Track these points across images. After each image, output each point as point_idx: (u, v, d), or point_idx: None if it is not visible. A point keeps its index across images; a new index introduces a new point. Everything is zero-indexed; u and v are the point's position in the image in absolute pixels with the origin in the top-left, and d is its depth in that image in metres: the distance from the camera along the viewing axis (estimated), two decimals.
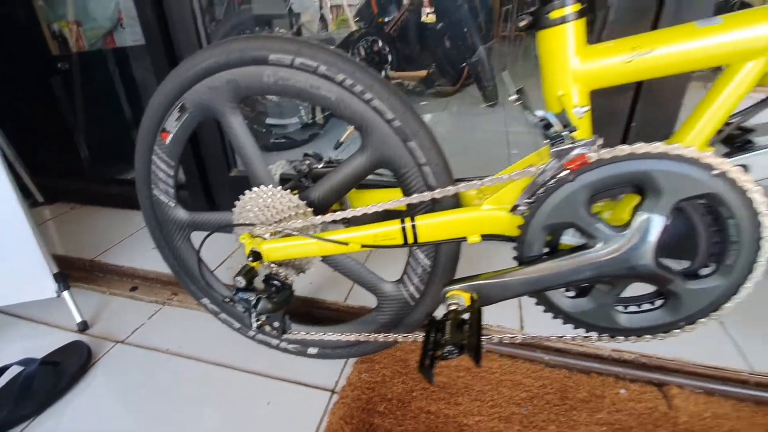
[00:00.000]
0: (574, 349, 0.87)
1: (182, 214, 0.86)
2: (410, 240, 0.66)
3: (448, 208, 0.67)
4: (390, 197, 0.73)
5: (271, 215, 0.73)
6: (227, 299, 0.75)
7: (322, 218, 0.69)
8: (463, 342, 0.53)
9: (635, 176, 0.52)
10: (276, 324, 0.77)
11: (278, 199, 0.72)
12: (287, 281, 0.75)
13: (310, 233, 0.72)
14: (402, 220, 0.65)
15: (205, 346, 0.98)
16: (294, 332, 0.81)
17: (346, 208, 0.83)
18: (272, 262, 0.75)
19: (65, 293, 1.06)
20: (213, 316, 0.95)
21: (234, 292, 0.72)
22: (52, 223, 1.67)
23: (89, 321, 1.10)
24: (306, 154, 0.82)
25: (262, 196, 0.73)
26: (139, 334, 1.06)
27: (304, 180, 0.82)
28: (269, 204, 0.73)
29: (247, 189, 0.73)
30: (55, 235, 1.58)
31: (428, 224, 0.65)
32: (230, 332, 0.96)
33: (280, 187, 0.73)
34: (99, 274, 1.31)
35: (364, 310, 0.98)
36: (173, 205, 0.85)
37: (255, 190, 0.73)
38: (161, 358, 0.97)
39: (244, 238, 0.73)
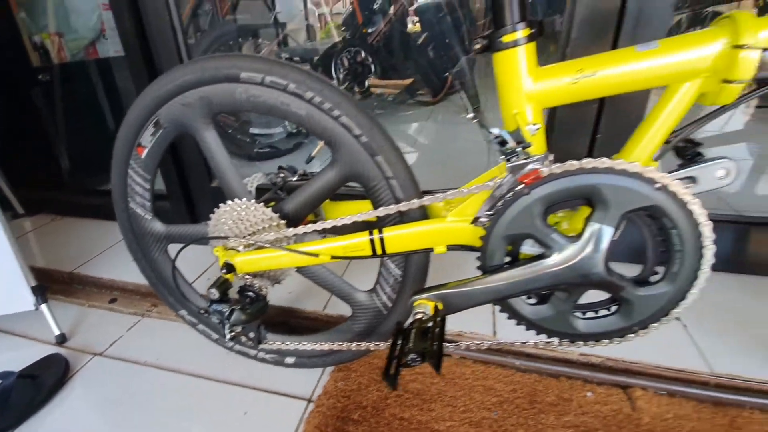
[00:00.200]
0: (544, 353, 0.90)
1: (159, 226, 0.87)
2: (378, 251, 0.68)
3: (415, 219, 0.69)
4: (363, 208, 0.75)
5: (245, 228, 0.74)
6: (202, 311, 0.76)
7: (294, 230, 0.71)
8: (425, 350, 0.55)
9: (584, 189, 0.55)
10: (251, 335, 0.79)
11: (252, 212, 0.74)
12: (262, 292, 0.76)
13: (283, 245, 0.74)
14: (370, 232, 0.68)
15: (183, 358, 0.99)
16: (270, 342, 0.83)
17: (321, 218, 0.86)
18: (247, 274, 0.76)
19: (43, 306, 1.06)
20: (191, 327, 0.96)
21: (208, 304, 0.73)
22: (32, 234, 1.66)
23: (68, 333, 1.10)
24: (281, 167, 0.84)
25: (236, 209, 0.75)
26: (117, 346, 1.07)
27: (280, 192, 0.84)
28: (243, 217, 0.74)
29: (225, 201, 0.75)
30: (36, 247, 1.57)
31: (395, 236, 0.67)
32: (209, 343, 0.97)
33: (254, 200, 0.75)
34: (78, 287, 1.31)
35: (342, 319, 1.00)
36: (150, 218, 0.86)
37: (229, 204, 0.75)
38: (139, 371, 0.98)
39: (218, 251, 0.75)
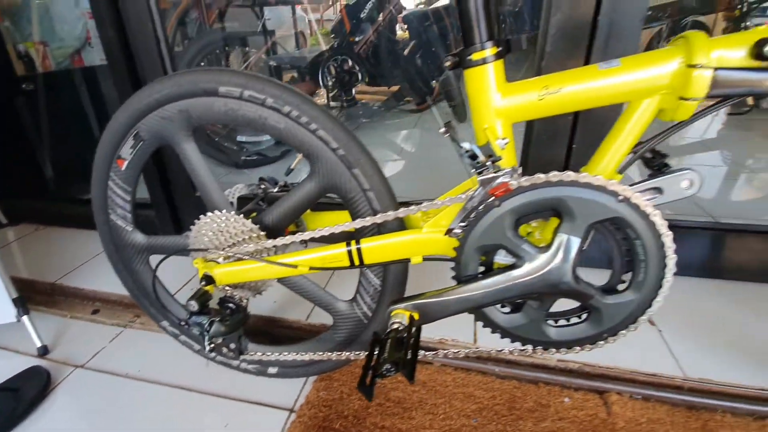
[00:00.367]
0: (523, 360, 0.91)
1: (140, 238, 0.87)
2: (356, 262, 0.69)
3: (393, 230, 0.71)
4: (344, 218, 0.76)
5: (225, 239, 0.75)
6: (182, 322, 0.76)
7: (272, 242, 0.72)
8: (399, 360, 0.56)
9: (552, 202, 0.57)
10: (232, 345, 0.79)
11: (232, 223, 0.74)
12: (242, 303, 0.77)
13: (263, 256, 0.75)
14: (347, 243, 0.69)
15: (165, 369, 0.99)
16: (251, 353, 0.83)
17: (302, 228, 0.87)
18: (227, 285, 0.77)
19: (25, 318, 1.05)
20: (173, 338, 0.95)
21: (188, 316, 0.73)
22: (15, 244, 1.64)
23: (50, 345, 1.10)
24: (261, 179, 0.85)
25: (216, 221, 0.75)
26: (99, 357, 1.06)
27: (261, 203, 0.85)
28: (223, 228, 0.75)
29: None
30: (19, 258, 1.55)
31: (372, 247, 0.68)
32: (191, 353, 0.97)
33: (234, 211, 0.75)
34: (61, 298, 1.30)
35: (325, 328, 1.00)
36: (131, 229, 0.86)
37: (209, 215, 0.76)
38: (121, 382, 0.97)
39: (198, 263, 0.75)
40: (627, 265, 0.60)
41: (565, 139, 0.99)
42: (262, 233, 0.75)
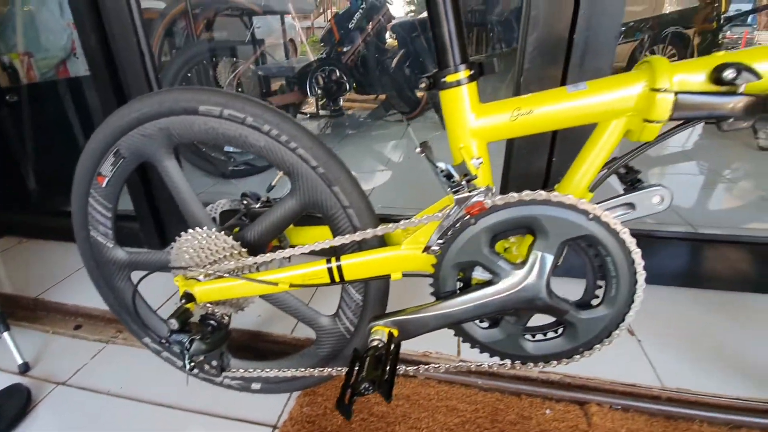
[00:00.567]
0: (506, 372, 0.92)
1: (121, 254, 0.86)
2: (336, 279, 0.70)
3: (373, 246, 0.71)
4: (328, 232, 0.77)
5: (206, 256, 0.75)
6: (162, 340, 0.76)
7: (253, 259, 0.72)
8: (376, 378, 0.57)
9: (525, 220, 0.58)
10: (214, 363, 0.79)
11: (213, 240, 0.75)
12: (223, 321, 0.77)
13: (245, 272, 0.75)
14: (328, 260, 0.69)
15: (147, 386, 0.98)
16: (233, 370, 0.83)
17: (285, 243, 0.87)
18: (208, 302, 0.77)
19: (5, 334, 1.04)
20: (155, 354, 0.95)
21: (168, 334, 0.73)
22: None
23: (31, 362, 1.08)
24: (244, 194, 0.85)
25: (197, 238, 0.75)
26: (81, 374, 1.05)
27: (244, 218, 0.85)
28: (204, 245, 0.75)
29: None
30: (1, 271, 1.53)
31: (352, 264, 0.69)
32: (174, 370, 0.96)
33: (216, 228, 0.75)
34: (43, 313, 1.28)
35: (309, 342, 1.00)
36: (111, 245, 0.86)
37: (190, 232, 0.76)
38: (102, 400, 0.96)
39: (179, 280, 0.75)
40: (600, 280, 0.61)
41: (544, 153, 1.01)
42: (244, 250, 0.75)
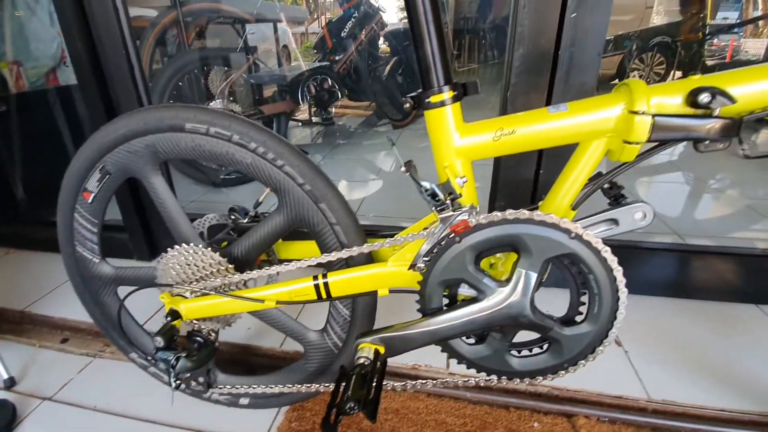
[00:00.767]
0: (494, 385, 0.92)
1: (107, 269, 0.86)
2: (323, 295, 0.70)
3: (361, 263, 0.72)
4: (315, 247, 0.77)
5: (192, 273, 0.75)
6: (148, 358, 0.75)
7: (240, 276, 0.72)
8: (361, 397, 0.57)
9: (509, 238, 0.59)
10: (201, 379, 0.78)
11: (199, 256, 0.74)
12: (210, 337, 0.76)
13: (232, 289, 0.75)
14: (314, 277, 0.69)
15: (134, 402, 0.97)
16: (220, 386, 0.82)
17: (273, 258, 0.87)
18: (195, 319, 0.77)
19: None
20: (142, 369, 0.94)
21: (154, 351, 0.72)
22: None
23: (17, 376, 1.06)
24: (231, 209, 0.85)
25: (183, 254, 0.75)
26: (67, 389, 1.03)
27: (232, 233, 0.85)
28: (190, 262, 0.75)
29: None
30: None
31: (339, 281, 0.69)
32: (161, 385, 0.95)
33: (202, 244, 0.75)
34: (29, 326, 1.27)
35: (299, 355, 1.00)
36: (98, 261, 0.85)
37: (177, 249, 0.75)
38: (89, 416, 0.95)
39: (164, 297, 0.75)
40: (583, 297, 0.62)
41: (532, 166, 1.02)
42: (231, 266, 0.75)
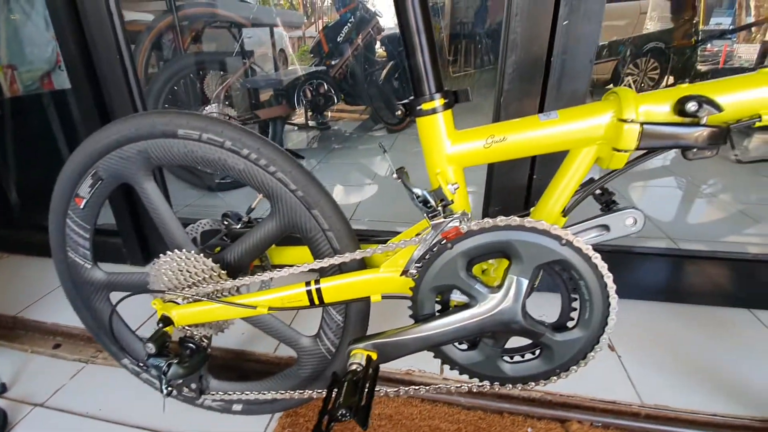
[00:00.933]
0: (488, 390, 0.92)
1: (99, 275, 0.85)
2: (316, 301, 0.70)
3: (353, 269, 0.72)
4: (309, 253, 0.77)
5: (185, 279, 0.74)
6: (140, 364, 0.75)
7: (233, 282, 0.72)
8: (353, 404, 0.56)
9: (500, 245, 0.59)
10: (193, 386, 0.78)
11: (191, 262, 0.74)
12: (202, 343, 0.76)
13: (224, 295, 0.75)
14: (307, 284, 0.69)
15: (126, 408, 0.96)
16: (213, 393, 0.82)
17: (266, 263, 0.87)
18: (187, 325, 0.76)
19: None
20: (135, 376, 0.93)
21: (146, 358, 0.72)
22: None
23: (8, 383, 1.06)
24: (224, 215, 0.85)
25: (175, 260, 0.75)
26: (59, 395, 1.03)
27: (225, 238, 0.85)
28: (183, 268, 0.74)
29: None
30: None
31: (332, 287, 0.69)
32: (154, 391, 0.94)
33: (195, 250, 0.75)
34: (22, 332, 1.26)
35: (293, 360, 1.00)
36: (90, 266, 0.85)
37: (169, 254, 0.75)
38: (80, 422, 0.94)
39: (156, 303, 0.74)
40: (574, 303, 0.62)
41: (525, 171, 1.03)
42: (223, 272, 0.75)
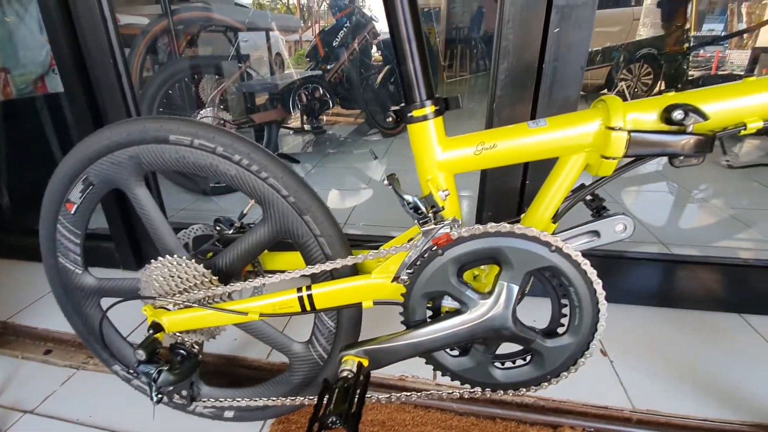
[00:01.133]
0: (481, 396, 0.92)
1: (90, 280, 0.85)
2: (308, 308, 0.70)
3: (345, 275, 0.72)
4: (301, 258, 0.77)
5: (176, 285, 0.74)
6: (130, 371, 0.74)
7: (224, 288, 0.72)
8: (343, 412, 0.56)
9: (491, 251, 0.59)
10: (184, 393, 0.77)
11: (183, 268, 0.74)
12: (193, 350, 0.76)
13: (215, 301, 0.74)
14: (298, 290, 0.69)
15: (117, 414, 0.95)
16: (204, 399, 0.81)
17: (259, 269, 0.87)
18: (178, 332, 0.76)
19: None
20: (126, 382, 0.93)
21: (136, 364, 0.71)
22: None
23: None
24: (216, 220, 0.85)
25: (167, 266, 0.74)
26: (49, 402, 1.02)
27: (217, 244, 0.85)
28: (174, 274, 0.74)
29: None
30: None
31: (323, 293, 0.69)
32: (145, 398, 0.94)
33: (186, 256, 0.75)
34: (12, 337, 1.24)
35: (285, 366, 0.99)
36: (80, 272, 0.84)
37: (160, 260, 0.75)
38: (71, 429, 0.93)
39: (147, 310, 0.74)
40: (564, 309, 0.62)
41: (518, 176, 1.03)
42: (215, 278, 0.74)
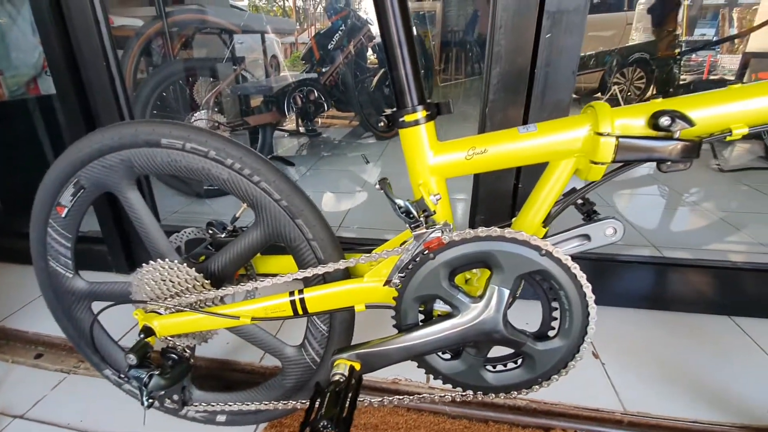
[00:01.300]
0: (473, 399, 0.92)
1: (81, 284, 0.84)
2: (300, 311, 0.70)
3: (338, 278, 0.72)
4: (293, 261, 0.77)
5: (168, 289, 0.74)
6: (121, 376, 0.74)
7: (216, 293, 0.72)
8: (335, 416, 0.56)
9: (482, 255, 0.59)
10: (175, 397, 0.77)
11: (174, 272, 0.74)
12: (185, 354, 0.75)
13: (207, 305, 0.74)
14: (291, 293, 0.69)
15: (108, 419, 0.94)
16: (196, 404, 0.81)
17: (251, 272, 0.87)
18: (169, 336, 0.75)
19: None
20: (117, 387, 0.92)
21: (126, 369, 0.71)
22: None
23: None
24: (209, 224, 0.85)
25: (158, 270, 0.74)
26: (40, 406, 1.00)
27: (210, 247, 0.84)
28: (165, 277, 0.74)
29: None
30: None
31: (315, 296, 0.69)
32: (136, 402, 0.93)
33: (178, 260, 0.75)
34: (2, 341, 1.23)
35: (278, 370, 0.99)
36: (71, 275, 0.84)
37: (152, 264, 0.74)
38: None
39: (138, 314, 0.73)
40: (555, 313, 0.63)
41: (510, 180, 1.04)
42: (207, 282, 0.74)
